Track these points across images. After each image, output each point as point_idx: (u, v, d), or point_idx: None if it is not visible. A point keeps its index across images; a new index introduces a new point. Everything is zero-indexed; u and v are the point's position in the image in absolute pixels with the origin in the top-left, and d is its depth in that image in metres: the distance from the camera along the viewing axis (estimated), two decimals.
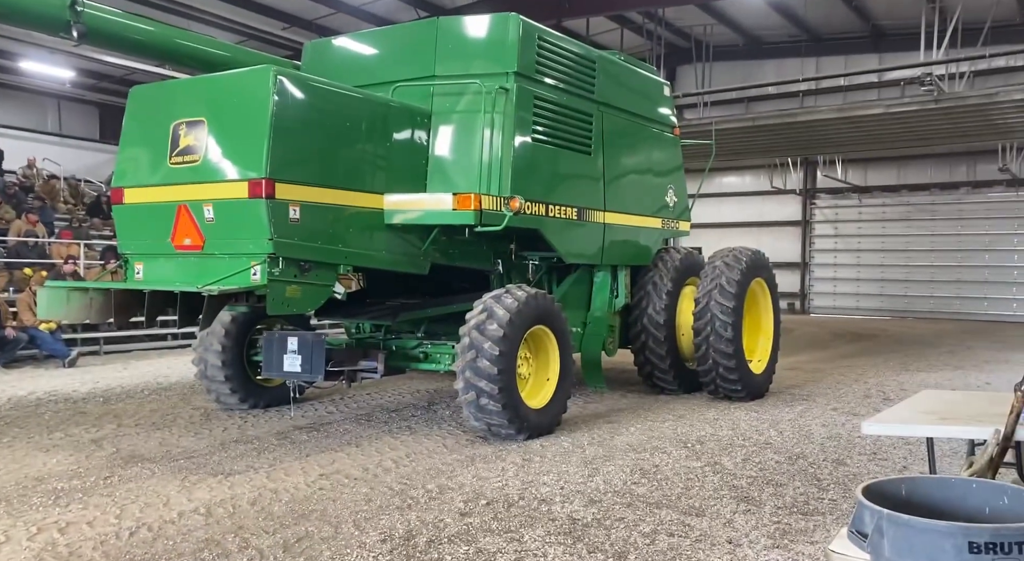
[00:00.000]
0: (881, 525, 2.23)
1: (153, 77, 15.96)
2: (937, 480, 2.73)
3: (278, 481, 5.25)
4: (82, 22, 6.47)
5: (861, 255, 25.07)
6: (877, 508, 2.27)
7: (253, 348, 7.59)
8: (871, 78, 19.84)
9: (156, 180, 6.25)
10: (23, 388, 9.18)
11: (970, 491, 2.53)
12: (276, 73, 5.85)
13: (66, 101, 23.20)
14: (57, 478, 5.29)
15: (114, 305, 6.22)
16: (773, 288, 9.12)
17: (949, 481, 2.64)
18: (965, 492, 2.53)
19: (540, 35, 7.12)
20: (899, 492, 2.53)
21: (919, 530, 2.17)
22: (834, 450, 6.23)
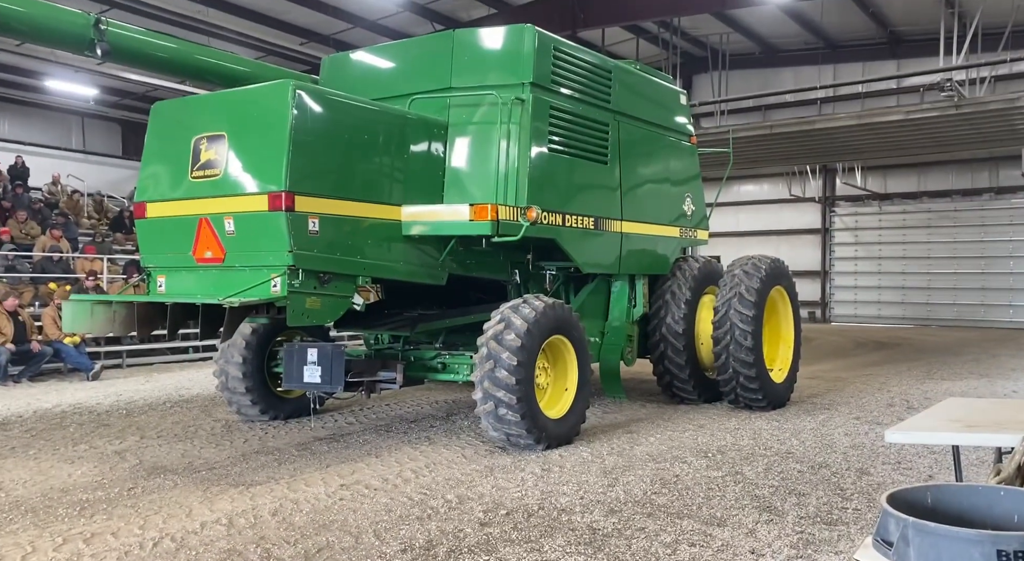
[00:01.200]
0: (907, 533, 2.20)
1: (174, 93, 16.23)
2: (964, 488, 2.69)
3: (299, 491, 5.27)
4: (106, 40, 6.60)
5: (882, 263, 24.80)
6: (902, 516, 2.24)
7: (273, 360, 7.65)
8: (890, 85, 19.71)
9: (178, 194, 6.34)
10: (48, 401, 9.31)
11: (997, 499, 2.48)
12: (295, 87, 5.93)
13: (90, 118, 23.61)
14: (82, 489, 5.35)
15: (137, 318, 6.29)
16: (793, 296, 9.05)
17: (976, 489, 2.60)
18: (992, 500, 2.49)
19: (555, 46, 7.15)
20: (924, 500, 2.49)
21: (946, 538, 2.13)
22: (857, 459, 6.16)
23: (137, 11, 14.87)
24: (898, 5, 17.92)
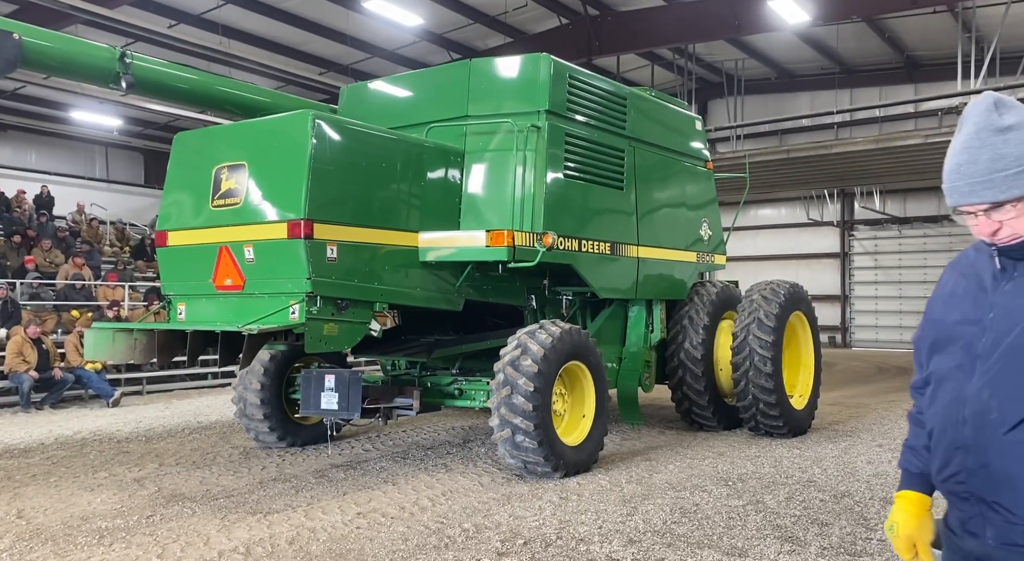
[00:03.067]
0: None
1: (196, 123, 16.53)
2: None
3: (316, 520, 5.25)
4: (131, 73, 6.76)
5: (903, 287, 24.53)
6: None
7: (291, 386, 7.68)
8: (907, 109, 19.65)
9: (199, 223, 6.42)
10: (69, 428, 9.38)
11: None
12: (314, 117, 6.02)
13: (113, 148, 24.06)
14: (101, 517, 5.37)
15: (157, 345, 6.35)
16: (813, 321, 8.97)
17: None
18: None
19: (571, 74, 7.22)
20: None
21: None
22: (881, 488, 6.05)
23: (160, 44, 15.21)
24: (914, 30, 17.94)
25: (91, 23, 14.23)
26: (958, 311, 1.83)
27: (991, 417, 1.69)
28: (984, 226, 1.71)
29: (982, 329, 1.74)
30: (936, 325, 1.90)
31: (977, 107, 1.71)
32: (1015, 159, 1.64)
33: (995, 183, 1.65)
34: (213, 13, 15.56)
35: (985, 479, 1.71)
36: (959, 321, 1.81)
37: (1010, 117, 1.67)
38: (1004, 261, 1.75)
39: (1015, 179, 1.64)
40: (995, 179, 1.65)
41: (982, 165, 1.66)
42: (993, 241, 1.73)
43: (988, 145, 1.66)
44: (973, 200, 1.68)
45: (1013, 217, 1.68)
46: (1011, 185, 1.64)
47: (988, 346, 1.72)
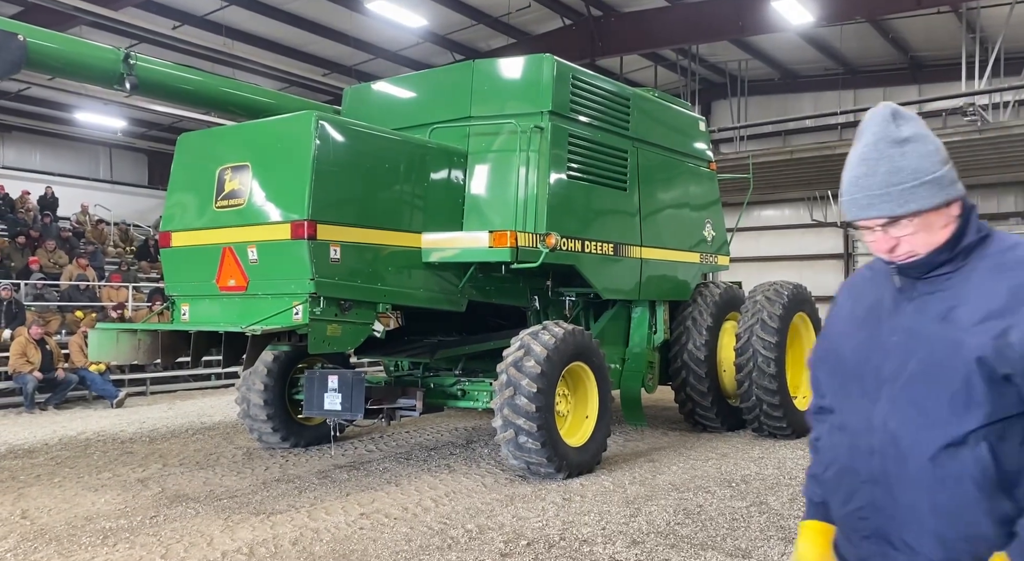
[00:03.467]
0: None
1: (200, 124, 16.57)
2: None
3: (319, 520, 5.26)
4: (134, 75, 6.77)
5: None
6: None
7: (294, 387, 7.69)
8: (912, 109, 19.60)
9: (202, 223, 6.43)
10: (73, 428, 9.40)
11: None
12: (317, 118, 6.02)
13: (117, 149, 24.12)
14: (105, 517, 5.37)
15: (161, 346, 6.36)
16: (816, 322, 8.95)
17: None
18: None
19: (574, 74, 7.22)
20: None
21: None
22: None
23: (164, 45, 15.25)
24: (919, 30, 17.90)
25: (95, 24, 14.27)
26: (859, 334, 1.72)
27: (899, 448, 1.59)
28: (882, 242, 1.62)
29: (886, 353, 1.64)
30: (836, 349, 1.78)
31: (875, 118, 1.64)
32: (912, 172, 1.57)
33: (892, 197, 1.57)
34: (217, 14, 15.59)
35: (891, 515, 1.60)
36: (861, 345, 1.70)
37: (907, 129, 1.60)
38: (903, 280, 1.66)
39: (911, 193, 1.56)
40: (892, 193, 1.57)
41: (879, 178, 1.58)
42: (891, 259, 1.64)
43: (886, 157, 1.58)
44: (871, 214, 1.60)
45: (910, 233, 1.59)
46: (908, 199, 1.56)
47: (893, 371, 1.62)
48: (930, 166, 1.57)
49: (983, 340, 1.51)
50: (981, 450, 1.51)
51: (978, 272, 1.59)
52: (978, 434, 1.51)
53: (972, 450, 1.51)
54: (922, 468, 1.55)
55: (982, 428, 1.51)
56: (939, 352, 1.56)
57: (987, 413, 1.51)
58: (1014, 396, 1.51)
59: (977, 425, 1.51)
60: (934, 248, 1.60)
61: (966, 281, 1.59)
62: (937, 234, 1.59)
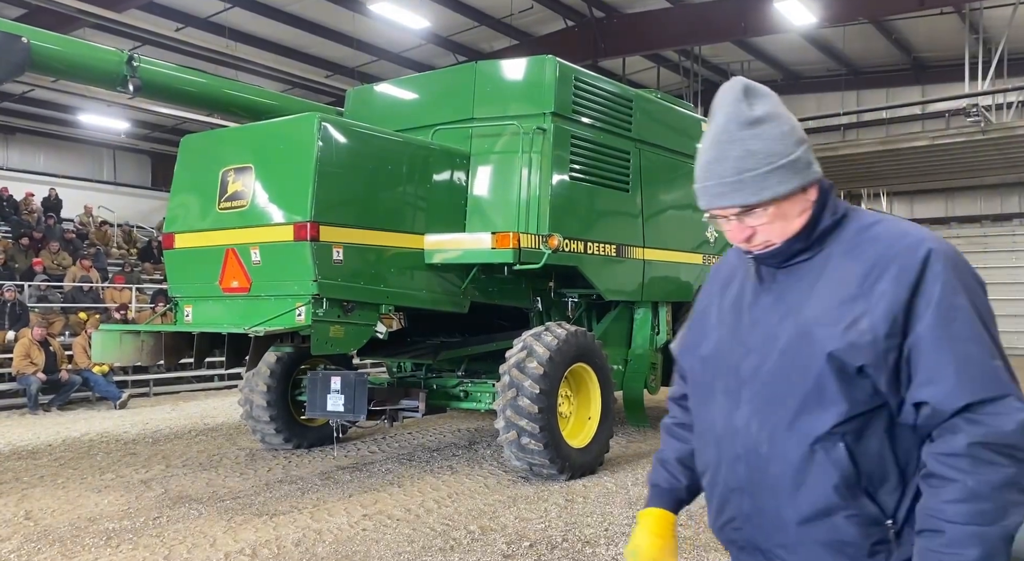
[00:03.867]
0: None
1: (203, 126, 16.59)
2: None
3: (322, 522, 5.26)
4: (138, 76, 6.80)
5: None
6: None
7: (297, 388, 7.69)
8: (914, 110, 19.60)
9: (205, 225, 6.45)
10: (77, 430, 9.41)
11: None
12: (320, 120, 6.03)
13: (120, 151, 24.16)
14: (108, 518, 5.38)
15: (164, 347, 6.38)
16: None
17: None
18: None
19: (576, 76, 7.22)
20: None
21: None
22: None
23: (168, 47, 15.28)
24: (922, 31, 17.88)
25: (99, 27, 14.30)
26: (721, 328, 1.58)
27: (762, 452, 1.46)
28: (737, 231, 1.48)
29: (746, 350, 1.50)
30: (700, 341, 1.63)
31: (725, 96, 1.46)
32: (765, 157, 1.41)
33: (745, 184, 1.42)
34: (220, 16, 15.62)
35: (760, 524, 1.49)
36: (723, 340, 1.56)
37: (760, 107, 1.44)
38: (763, 271, 1.53)
39: (765, 179, 1.41)
40: (745, 180, 1.41)
41: (731, 163, 1.42)
42: (748, 248, 1.50)
43: (737, 140, 1.42)
44: (723, 203, 1.45)
45: (765, 222, 1.45)
46: (762, 187, 1.41)
47: (752, 370, 1.49)
48: (784, 148, 1.43)
49: (834, 332, 1.39)
50: (838, 451, 1.40)
51: (833, 258, 1.46)
52: (834, 434, 1.40)
53: (829, 452, 1.40)
54: (783, 474, 1.44)
55: (838, 427, 1.39)
56: (792, 348, 1.44)
57: (842, 411, 1.39)
58: (869, 389, 1.39)
59: (832, 424, 1.39)
60: (790, 236, 1.47)
61: (822, 268, 1.46)
62: (794, 222, 1.46)
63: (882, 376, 1.38)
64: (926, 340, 1.36)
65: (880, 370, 1.37)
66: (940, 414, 1.35)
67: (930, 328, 1.36)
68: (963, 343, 1.36)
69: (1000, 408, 1.34)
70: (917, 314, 1.37)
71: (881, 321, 1.37)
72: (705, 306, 1.67)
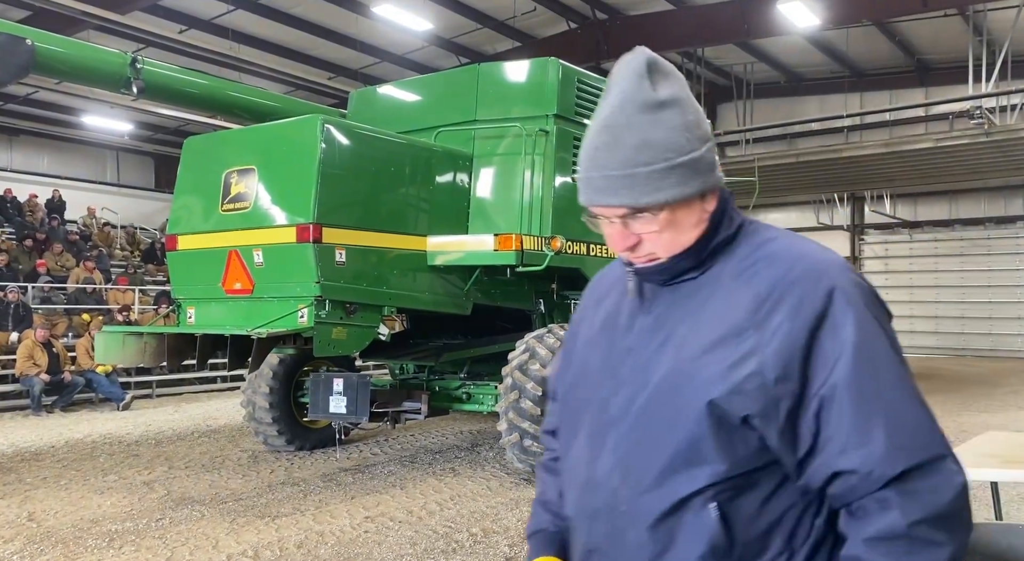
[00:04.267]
0: None
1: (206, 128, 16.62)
2: (1003, 527, 2.61)
3: (324, 523, 5.26)
4: (141, 78, 6.81)
5: (914, 292, 24.39)
6: None
7: (300, 390, 7.70)
8: (918, 112, 19.57)
9: (208, 227, 6.45)
10: (80, 431, 9.42)
11: None
12: (323, 122, 6.04)
13: (124, 152, 24.21)
14: (111, 520, 5.38)
15: (167, 349, 6.38)
16: None
17: (1016, 528, 2.52)
18: None
19: (579, 78, 7.22)
20: None
21: None
22: None
23: (171, 49, 15.30)
24: (925, 34, 17.87)
25: (103, 29, 14.34)
26: (588, 350, 1.32)
27: (621, 511, 1.20)
28: (619, 238, 1.23)
29: (617, 384, 1.23)
30: (570, 368, 1.36)
31: (625, 70, 1.19)
32: (664, 150, 1.15)
33: (636, 181, 1.16)
34: (223, 18, 15.65)
35: None
36: (592, 368, 1.29)
37: (666, 89, 1.17)
38: (644, 288, 1.27)
39: (661, 178, 1.15)
40: (637, 175, 1.16)
41: (623, 153, 1.16)
42: (630, 259, 1.26)
43: (635, 125, 1.16)
44: (608, 201, 1.20)
45: (654, 231, 1.19)
46: (656, 186, 1.15)
47: (620, 410, 1.21)
48: (687, 143, 1.16)
49: (715, 372, 1.14)
50: (708, 516, 1.13)
51: (723, 280, 1.21)
52: (704, 495, 1.14)
53: (697, 515, 1.14)
54: (641, 543, 1.17)
55: (710, 487, 1.14)
56: (667, 388, 1.17)
57: (718, 471, 1.13)
58: (755, 445, 1.13)
59: (704, 485, 1.14)
60: (679, 252, 1.21)
61: (710, 292, 1.21)
62: (686, 234, 1.20)
63: (772, 429, 1.12)
64: (845, 394, 1.10)
65: (770, 422, 1.12)
66: (869, 485, 1.10)
67: (848, 379, 1.10)
68: (890, 396, 1.12)
69: (937, 474, 1.10)
70: (823, 358, 1.11)
71: (773, 362, 1.11)
72: (577, 322, 1.41)
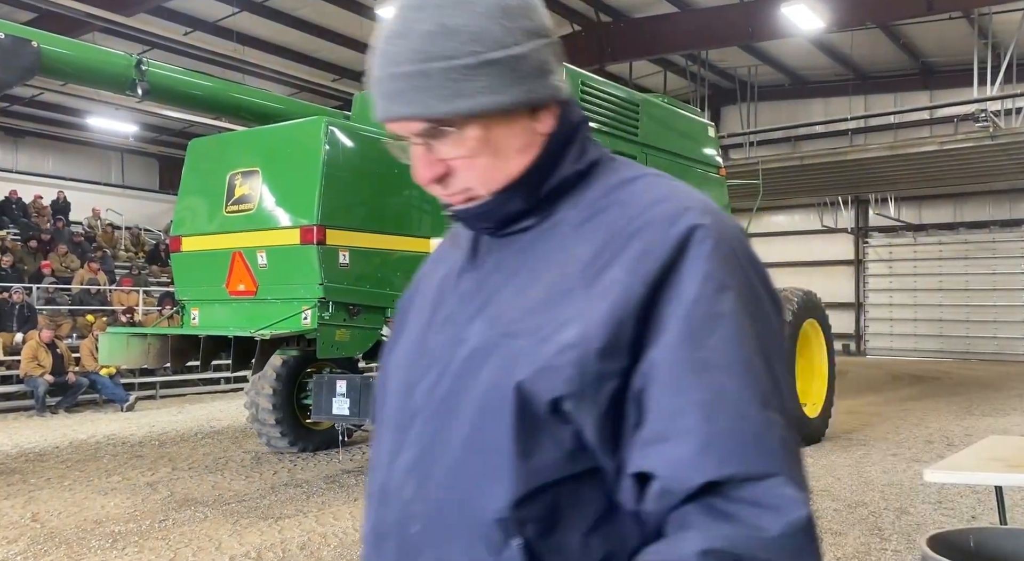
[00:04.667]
0: None
1: (210, 129, 16.67)
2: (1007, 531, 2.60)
3: (327, 525, 5.26)
4: (146, 80, 6.81)
5: (918, 295, 24.34)
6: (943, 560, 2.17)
7: (303, 391, 7.70)
8: (922, 115, 19.55)
9: (212, 228, 6.46)
10: (83, 432, 9.44)
11: None
12: (327, 123, 6.05)
13: (128, 154, 24.27)
14: (114, 521, 5.39)
15: (171, 350, 6.39)
16: (826, 329, 8.90)
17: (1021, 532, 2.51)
18: None
19: (582, 80, 7.22)
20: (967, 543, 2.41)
21: None
22: (896, 498, 5.98)
23: (176, 51, 15.35)
24: (930, 37, 17.85)
25: (108, 30, 14.39)
26: (415, 326, 1.02)
27: (411, 533, 0.90)
28: (423, 166, 0.92)
29: (428, 361, 0.94)
30: (394, 348, 1.06)
31: None
32: (469, 41, 0.86)
33: (432, 81, 0.86)
34: (228, 20, 15.69)
35: None
36: (412, 344, 1.00)
37: None
38: (480, 241, 0.99)
39: (466, 77, 0.86)
40: (432, 73, 0.86)
41: (413, 43, 0.87)
42: (443, 198, 0.97)
43: (430, 7, 0.87)
44: (398, 111, 0.89)
45: (463, 156, 0.90)
46: (457, 89, 0.86)
47: (424, 395, 0.93)
48: (505, 34, 0.87)
49: (525, 346, 0.85)
50: (510, 553, 0.82)
51: (563, 228, 0.92)
52: (507, 520, 0.83)
53: (497, 554, 0.83)
54: None
55: (516, 510, 0.82)
56: (471, 367, 0.89)
57: (518, 482, 0.83)
58: (569, 443, 0.83)
59: (506, 504, 0.83)
60: (502, 187, 0.92)
61: (546, 245, 0.92)
62: (509, 162, 0.91)
63: (589, 419, 0.82)
64: (663, 369, 0.80)
65: (587, 409, 0.82)
66: (670, 495, 0.79)
67: (671, 349, 0.80)
68: (718, 376, 0.80)
69: (764, 494, 0.77)
70: (659, 323, 0.82)
71: (599, 330, 0.82)
72: (413, 287, 1.14)
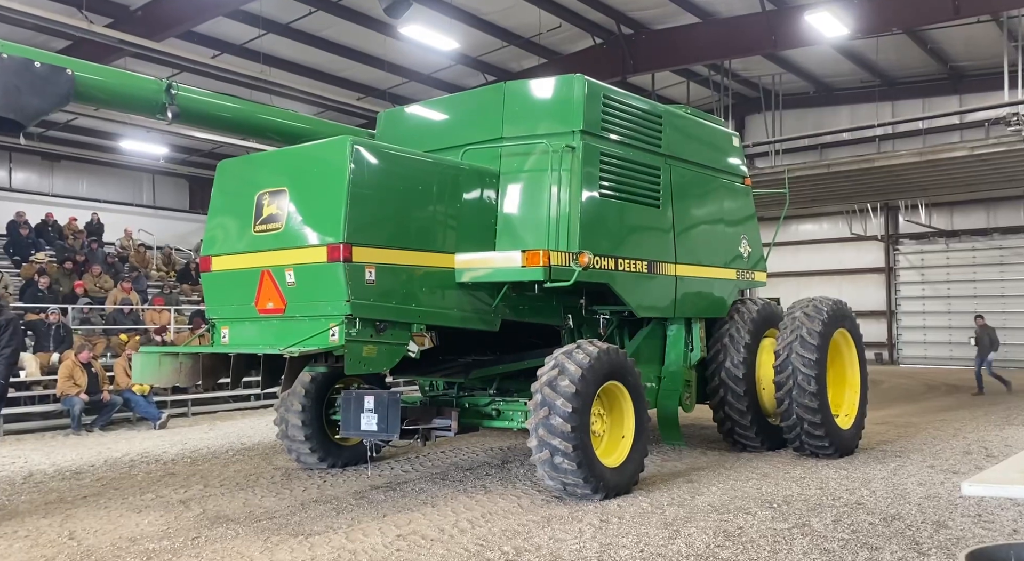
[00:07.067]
0: None
1: (239, 150, 16.96)
2: None
3: (356, 542, 5.27)
4: (176, 104, 6.96)
5: (952, 302, 23.88)
6: None
7: (332, 407, 7.76)
8: (952, 120, 19.28)
9: (241, 247, 6.56)
10: (118, 450, 9.59)
11: None
12: (352, 143, 6.12)
13: (159, 175, 24.78)
14: (148, 539, 5.46)
15: (202, 369, 6.47)
16: (858, 338, 8.77)
17: None
18: None
19: (605, 93, 7.24)
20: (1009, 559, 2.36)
21: None
22: (933, 511, 5.86)
23: (204, 73, 15.67)
24: (958, 40, 17.63)
25: (139, 56, 14.74)
26: None
27: None
28: None
29: None
30: None
31: None
32: None
33: None
34: (255, 43, 15.99)
35: None
36: None
37: None
38: None
39: None
40: None
41: None
42: None
43: None
44: None
45: None
46: None
47: None
48: None
49: None
50: None
51: None
52: None
53: None
54: None
55: None
56: None
57: None
58: None
59: None
60: None
61: None
62: None
63: None
64: None
65: None
66: None
67: None
68: None
69: None
70: None
71: None
72: None
